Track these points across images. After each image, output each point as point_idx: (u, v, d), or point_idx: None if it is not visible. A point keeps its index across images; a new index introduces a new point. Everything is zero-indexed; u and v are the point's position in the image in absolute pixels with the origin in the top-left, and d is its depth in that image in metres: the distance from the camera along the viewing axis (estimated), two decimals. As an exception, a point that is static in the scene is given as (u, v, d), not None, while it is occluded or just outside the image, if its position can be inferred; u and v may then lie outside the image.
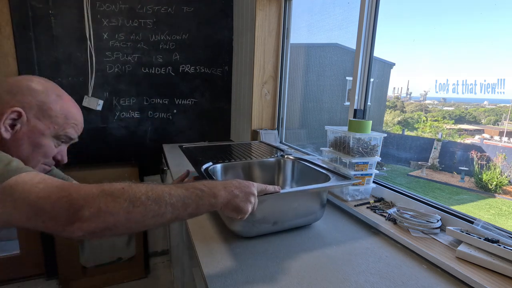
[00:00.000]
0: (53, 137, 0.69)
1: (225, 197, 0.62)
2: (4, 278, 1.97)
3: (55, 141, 0.70)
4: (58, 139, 0.70)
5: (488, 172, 1.19)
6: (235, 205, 0.64)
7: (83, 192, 0.50)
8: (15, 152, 0.64)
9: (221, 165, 1.12)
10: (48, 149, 0.69)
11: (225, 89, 2.24)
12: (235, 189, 0.64)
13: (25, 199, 0.49)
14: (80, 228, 0.49)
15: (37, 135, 0.66)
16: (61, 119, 0.69)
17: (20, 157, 0.63)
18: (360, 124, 1.08)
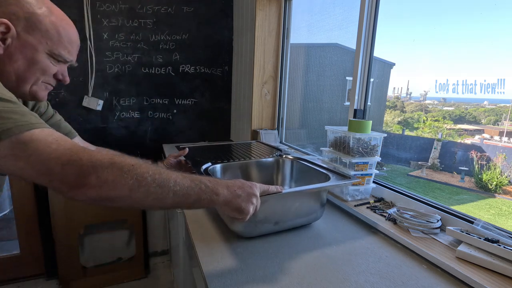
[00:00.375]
0: (48, 54, 0.66)
1: (227, 196, 0.63)
2: (4, 278, 1.97)
3: (51, 59, 0.67)
4: (53, 58, 0.67)
5: (488, 172, 1.19)
6: (236, 205, 0.64)
7: (94, 159, 0.51)
8: (12, 68, 0.63)
9: (220, 165, 1.12)
10: (45, 66, 0.67)
11: (225, 89, 2.24)
12: (237, 189, 0.64)
13: (38, 157, 0.50)
14: (84, 194, 0.51)
15: (30, 50, 0.64)
16: (54, 35, 0.65)
17: (18, 73, 0.64)
18: (360, 124, 1.08)
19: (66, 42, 0.68)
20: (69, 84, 1.97)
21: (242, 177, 1.16)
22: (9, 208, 2.54)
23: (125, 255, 2.06)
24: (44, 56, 0.66)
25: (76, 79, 1.86)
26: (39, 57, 0.65)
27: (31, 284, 1.98)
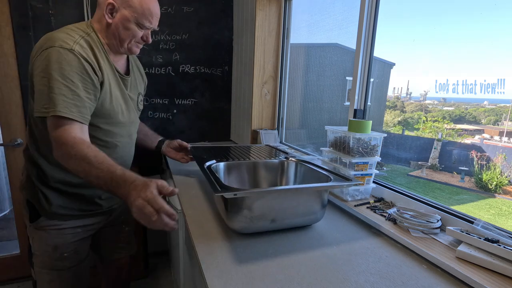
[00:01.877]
0: (135, 23, 0.96)
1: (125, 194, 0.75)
2: (4, 278, 1.97)
3: (138, 27, 0.97)
4: (139, 26, 0.97)
5: (488, 172, 1.19)
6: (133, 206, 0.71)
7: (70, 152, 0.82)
8: (116, 33, 0.96)
9: (224, 163, 1.13)
10: (134, 31, 0.97)
11: (225, 89, 2.24)
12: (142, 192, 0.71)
13: None
14: None
15: (125, 20, 0.95)
16: (139, 10, 0.94)
17: (120, 37, 0.97)
18: (360, 124, 1.08)
19: (147, 14, 0.96)
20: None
21: (247, 177, 1.18)
22: (9, 208, 2.54)
23: (125, 255, 2.05)
24: (134, 24, 0.96)
25: (76, 79, 1.86)
26: (131, 25, 0.96)
27: (31, 284, 1.98)
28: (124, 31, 0.96)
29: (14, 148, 1.79)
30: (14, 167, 1.82)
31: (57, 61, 0.83)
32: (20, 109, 1.77)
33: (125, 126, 1.07)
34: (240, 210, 0.82)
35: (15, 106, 1.76)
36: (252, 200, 0.82)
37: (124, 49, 1.01)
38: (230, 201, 0.83)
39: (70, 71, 0.84)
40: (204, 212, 1.03)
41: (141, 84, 1.20)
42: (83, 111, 0.87)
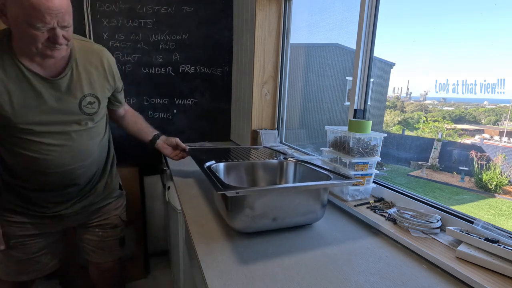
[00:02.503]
0: (27, 24, 0.79)
1: None
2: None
3: (33, 29, 0.80)
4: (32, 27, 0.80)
5: (488, 172, 1.19)
6: None
7: None
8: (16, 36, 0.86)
9: (223, 164, 1.13)
10: (32, 33, 0.81)
11: (225, 89, 2.24)
12: None
13: None
14: None
15: (16, 21, 0.80)
16: (25, 6, 0.77)
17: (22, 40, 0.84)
18: (360, 124, 1.08)
19: (36, 11, 0.78)
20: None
21: (246, 177, 1.18)
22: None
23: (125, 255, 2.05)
24: (27, 26, 0.80)
25: (76, 79, 1.86)
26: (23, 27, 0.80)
27: (31, 284, 1.98)
28: (20, 35, 0.83)
29: None
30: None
31: None
32: (20, 109, 1.76)
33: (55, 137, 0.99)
34: (242, 209, 0.82)
35: (15, 106, 1.75)
36: (253, 198, 0.82)
37: (40, 53, 0.87)
38: (232, 200, 0.83)
39: None
40: (204, 212, 1.03)
41: (94, 84, 1.04)
42: None
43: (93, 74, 1.04)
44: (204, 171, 0.97)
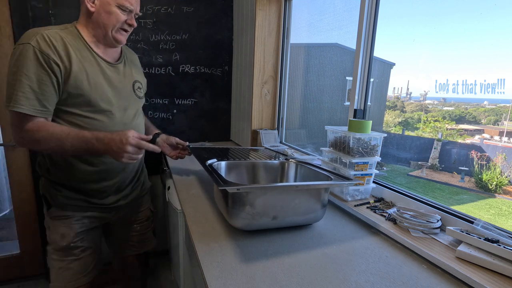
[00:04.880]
0: (116, 6, 0.99)
1: (104, 149, 0.93)
2: (4, 278, 1.97)
3: (120, 9, 1.00)
4: (120, 8, 1.00)
5: (488, 172, 1.19)
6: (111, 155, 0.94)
7: None
8: (99, 20, 1.00)
9: (225, 162, 1.13)
10: (118, 15, 1.01)
11: (225, 89, 2.24)
12: (114, 146, 0.91)
13: None
14: None
15: (106, 5, 0.99)
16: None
17: (104, 23, 1.00)
18: (360, 124, 1.08)
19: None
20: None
21: (247, 177, 1.18)
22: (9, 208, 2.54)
23: (125, 255, 2.05)
24: (116, 8, 1.00)
25: (76, 79, 1.86)
26: (112, 9, 0.99)
27: (31, 284, 1.98)
28: (107, 16, 1.00)
29: (14, 148, 1.79)
30: (14, 167, 1.82)
31: (17, 57, 0.90)
32: (20, 109, 1.76)
33: (114, 115, 1.06)
34: (242, 206, 0.83)
35: (15, 106, 1.75)
36: (254, 196, 0.82)
37: (110, 38, 1.03)
38: (232, 197, 0.84)
39: (27, 66, 0.89)
40: (204, 212, 1.03)
41: (138, 74, 1.22)
42: (39, 103, 0.92)
43: (135, 66, 1.22)
44: (206, 168, 0.97)
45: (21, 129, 0.92)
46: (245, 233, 0.88)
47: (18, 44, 0.91)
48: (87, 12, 1.00)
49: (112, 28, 1.02)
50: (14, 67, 0.90)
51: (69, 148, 0.93)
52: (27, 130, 0.92)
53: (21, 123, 0.92)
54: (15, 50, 0.91)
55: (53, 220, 1.10)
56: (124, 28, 1.05)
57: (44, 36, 0.92)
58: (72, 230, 1.10)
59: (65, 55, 0.95)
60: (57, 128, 0.93)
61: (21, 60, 0.89)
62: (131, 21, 1.05)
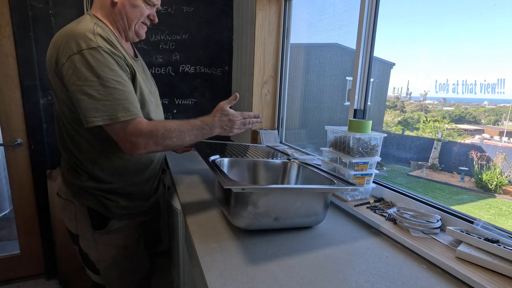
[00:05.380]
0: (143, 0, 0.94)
1: (219, 132, 0.96)
2: (4, 278, 1.97)
3: (145, 3, 0.95)
4: (146, 2, 0.95)
5: (488, 172, 1.19)
6: (225, 134, 0.98)
7: None
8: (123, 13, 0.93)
9: (228, 159, 1.13)
10: (142, 9, 0.95)
11: (225, 89, 2.24)
12: (224, 126, 0.97)
13: None
14: None
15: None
16: None
17: (128, 16, 0.93)
18: (360, 124, 1.08)
19: None
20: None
21: (248, 174, 1.18)
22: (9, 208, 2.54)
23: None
24: (141, 1, 0.94)
25: (76, 79, 1.86)
26: (138, 2, 0.93)
27: (31, 284, 1.98)
28: (132, 9, 0.93)
29: (14, 148, 1.79)
30: (14, 167, 1.82)
31: (91, 64, 0.78)
32: (20, 109, 1.76)
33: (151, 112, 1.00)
34: (245, 206, 0.83)
35: (15, 106, 1.75)
36: (257, 196, 0.82)
37: (132, 32, 0.97)
38: (235, 197, 0.84)
39: (109, 71, 0.80)
40: (204, 212, 1.03)
41: None
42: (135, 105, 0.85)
43: None
44: (210, 164, 0.97)
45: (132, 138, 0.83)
46: (245, 233, 0.88)
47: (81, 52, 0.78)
48: (110, 3, 0.90)
49: (136, 22, 0.95)
50: (93, 76, 0.78)
51: (187, 139, 0.89)
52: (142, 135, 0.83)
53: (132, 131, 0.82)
54: (82, 58, 0.78)
55: (107, 234, 1.00)
56: (145, 22, 1.00)
57: (102, 36, 0.82)
58: (132, 238, 1.05)
59: (124, 56, 0.87)
60: (169, 123, 0.87)
61: (99, 67, 0.78)
62: (154, 16, 1.01)
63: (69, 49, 0.78)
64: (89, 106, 0.78)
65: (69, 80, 0.79)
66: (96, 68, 0.78)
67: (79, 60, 0.77)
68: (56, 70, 0.83)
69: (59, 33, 0.84)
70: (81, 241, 1.01)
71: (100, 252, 1.01)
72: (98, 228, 0.99)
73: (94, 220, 0.98)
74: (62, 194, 1.01)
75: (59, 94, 0.87)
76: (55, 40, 0.84)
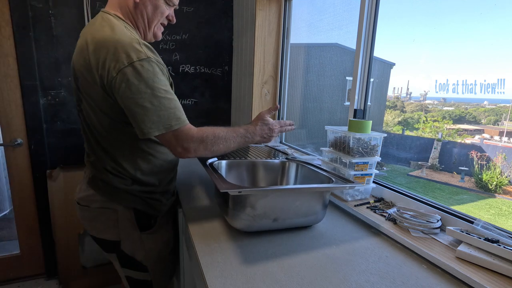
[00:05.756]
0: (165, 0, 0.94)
1: (259, 140, 0.99)
2: (4, 278, 1.97)
3: (165, 3, 0.94)
4: (166, 2, 0.94)
5: (488, 172, 1.19)
6: (265, 142, 1.02)
7: None
8: (144, 13, 0.92)
9: (226, 161, 1.13)
10: (162, 9, 0.94)
11: (225, 89, 2.24)
12: (264, 134, 1.00)
13: None
14: None
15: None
16: None
17: (148, 17, 0.93)
18: (360, 124, 1.08)
19: None
20: (69, 84, 1.96)
21: (247, 176, 1.18)
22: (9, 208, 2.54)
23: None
24: (162, 2, 0.93)
25: (76, 79, 1.86)
26: (159, 3, 0.93)
27: (31, 284, 1.98)
28: (153, 9, 0.92)
29: (14, 148, 1.79)
30: (14, 167, 1.82)
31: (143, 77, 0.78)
32: (20, 109, 1.77)
33: None
34: (243, 208, 0.83)
35: (15, 106, 1.76)
36: (255, 198, 0.82)
37: (151, 33, 0.97)
38: (233, 199, 0.83)
39: (160, 81, 0.81)
40: (204, 212, 1.03)
41: None
42: (182, 112, 0.88)
43: None
44: (207, 168, 0.97)
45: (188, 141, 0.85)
46: (245, 233, 0.88)
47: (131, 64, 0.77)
48: (133, 3, 0.89)
49: (156, 22, 0.95)
50: (146, 88, 0.78)
51: (232, 146, 0.92)
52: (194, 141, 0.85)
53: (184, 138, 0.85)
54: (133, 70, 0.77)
55: (154, 234, 1.03)
56: (164, 23, 0.99)
57: (146, 45, 0.83)
58: (170, 234, 1.11)
59: None
60: (217, 130, 0.90)
61: (150, 78, 0.79)
62: (172, 16, 0.99)
63: (118, 61, 0.77)
64: (144, 118, 0.79)
65: (123, 93, 0.79)
66: (148, 79, 0.78)
67: (131, 73, 0.77)
68: (101, 80, 0.81)
69: (98, 40, 0.81)
70: (124, 245, 1.00)
71: (147, 251, 1.03)
72: (145, 229, 1.00)
73: (141, 221, 0.99)
74: (93, 203, 0.97)
75: (98, 103, 0.86)
76: (94, 47, 0.81)
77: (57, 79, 1.80)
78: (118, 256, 1.02)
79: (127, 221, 0.98)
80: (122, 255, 1.02)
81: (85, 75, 0.84)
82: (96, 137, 0.92)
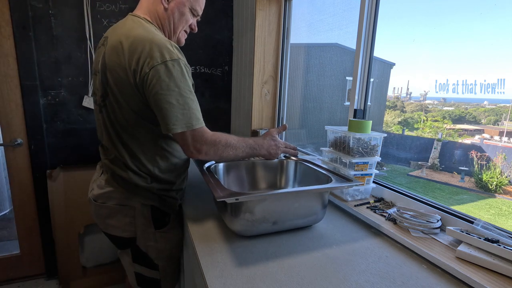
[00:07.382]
0: (189, 8, 1.00)
1: (264, 154, 1.05)
2: (4, 278, 1.97)
3: (191, 13, 1.01)
4: (192, 12, 1.01)
5: (488, 172, 1.19)
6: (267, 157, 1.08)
7: None
8: (171, 19, 0.98)
9: (223, 164, 1.13)
10: (187, 18, 1.01)
11: (225, 89, 2.24)
12: (271, 149, 1.06)
13: None
14: None
15: (181, 6, 0.98)
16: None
17: (174, 23, 0.99)
18: (360, 124, 1.08)
19: (200, 1, 1.02)
20: (69, 84, 1.96)
21: (246, 176, 1.18)
22: (9, 208, 2.54)
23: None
24: (188, 10, 1.00)
25: (76, 79, 1.86)
26: (185, 10, 0.99)
27: (31, 284, 1.98)
28: (179, 17, 0.98)
29: (14, 148, 1.79)
30: (14, 167, 1.82)
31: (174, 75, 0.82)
32: (20, 109, 1.77)
33: None
34: (242, 213, 0.82)
35: (15, 106, 1.76)
36: (253, 203, 0.82)
37: (175, 38, 1.02)
38: (232, 205, 0.83)
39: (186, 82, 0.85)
40: (204, 213, 1.03)
41: None
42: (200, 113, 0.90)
43: None
44: (204, 174, 0.96)
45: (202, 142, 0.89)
46: (245, 233, 0.88)
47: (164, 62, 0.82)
48: (163, 8, 0.95)
49: (181, 29, 1.01)
50: (174, 86, 0.82)
51: (239, 155, 0.97)
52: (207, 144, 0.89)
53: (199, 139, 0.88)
54: (166, 68, 0.81)
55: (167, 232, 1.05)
56: (187, 30, 1.04)
57: (176, 47, 0.87)
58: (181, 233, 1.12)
59: None
60: (229, 137, 0.95)
61: (179, 78, 0.83)
62: (194, 25, 1.05)
63: (153, 58, 0.81)
64: (169, 114, 0.83)
65: (152, 88, 0.82)
66: (176, 79, 0.83)
67: (164, 70, 0.81)
68: (134, 75, 0.84)
69: (133, 38, 0.85)
70: (139, 242, 1.02)
71: (160, 249, 1.05)
72: (160, 227, 1.02)
73: (156, 218, 1.01)
74: (110, 201, 0.98)
75: (127, 97, 0.88)
76: (130, 45, 0.84)
77: (57, 79, 1.80)
78: (132, 251, 1.04)
79: (143, 218, 1.00)
80: (136, 250, 1.04)
81: (118, 70, 0.87)
82: (119, 133, 0.94)
